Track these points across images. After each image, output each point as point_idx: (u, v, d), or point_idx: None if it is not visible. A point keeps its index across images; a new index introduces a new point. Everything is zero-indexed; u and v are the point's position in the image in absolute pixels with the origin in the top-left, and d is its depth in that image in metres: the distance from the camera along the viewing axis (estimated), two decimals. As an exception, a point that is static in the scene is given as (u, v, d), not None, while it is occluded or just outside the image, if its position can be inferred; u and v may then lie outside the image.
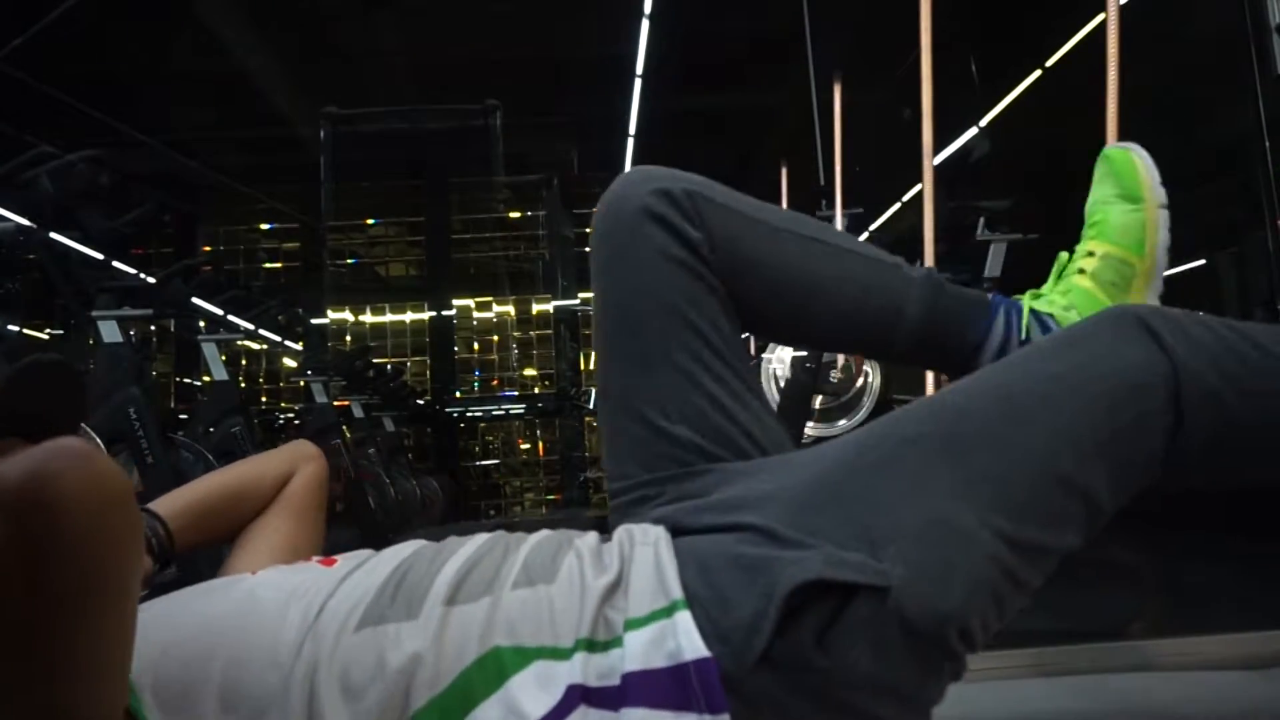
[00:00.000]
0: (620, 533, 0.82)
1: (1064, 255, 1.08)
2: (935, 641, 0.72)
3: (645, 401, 0.90)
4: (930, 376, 2.15)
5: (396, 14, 6.08)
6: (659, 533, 0.80)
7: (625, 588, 0.75)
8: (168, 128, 6.55)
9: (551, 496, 9.53)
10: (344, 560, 0.84)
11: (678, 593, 0.73)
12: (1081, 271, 1.03)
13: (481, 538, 0.83)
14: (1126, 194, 1.04)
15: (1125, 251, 1.02)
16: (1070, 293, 1.03)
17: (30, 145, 3.05)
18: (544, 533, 0.84)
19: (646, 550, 0.78)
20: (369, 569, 0.80)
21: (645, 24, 5.72)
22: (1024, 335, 0.99)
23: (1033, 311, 1.01)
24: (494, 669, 0.71)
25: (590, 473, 9.58)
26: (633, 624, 0.73)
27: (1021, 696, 1.48)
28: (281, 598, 0.77)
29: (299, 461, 1.05)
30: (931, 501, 0.75)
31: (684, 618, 0.72)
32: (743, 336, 0.98)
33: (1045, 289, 1.06)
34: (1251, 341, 0.81)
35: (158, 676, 0.71)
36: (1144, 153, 1.05)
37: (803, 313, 0.98)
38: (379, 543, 0.88)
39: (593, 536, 0.83)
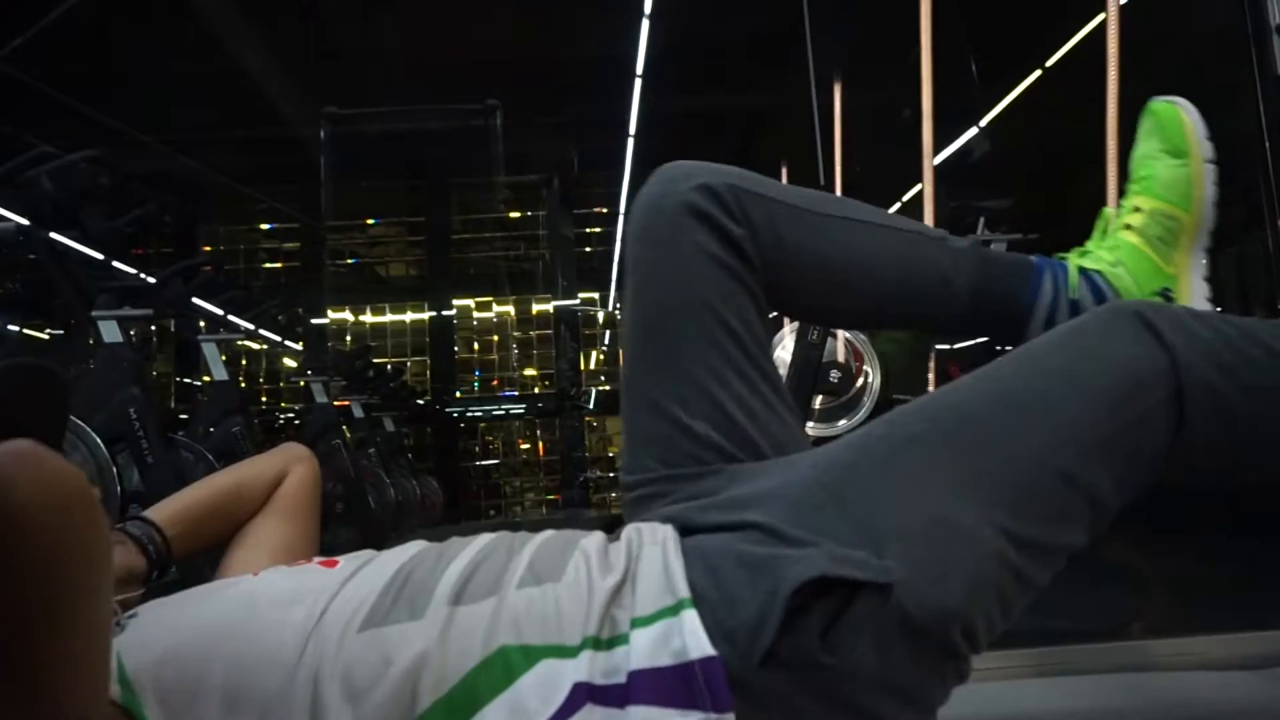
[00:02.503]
0: (629, 531, 0.82)
1: (1108, 211, 1.06)
2: (938, 639, 0.72)
3: (670, 397, 0.90)
4: (931, 376, 2.15)
5: (396, 14, 6.09)
6: (667, 532, 0.80)
7: (632, 587, 0.75)
8: (168, 128, 6.55)
9: (551, 496, 9.53)
10: (346, 561, 0.83)
11: (684, 592, 0.73)
12: (1129, 227, 1.02)
13: (486, 538, 0.83)
14: (1172, 148, 1.03)
15: (1172, 207, 1.01)
16: (1118, 249, 1.01)
17: (30, 145, 3.05)
18: (549, 533, 0.84)
19: (654, 550, 0.77)
20: (372, 570, 0.80)
21: (645, 24, 5.72)
22: (1073, 295, 0.99)
23: (1080, 269, 1.00)
24: (501, 669, 0.71)
25: (590, 472, 9.58)
26: (639, 622, 0.72)
27: (1021, 696, 1.48)
28: (284, 599, 0.77)
29: (291, 463, 1.06)
30: (933, 500, 0.75)
31: (690, 616, 0.72)
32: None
33: (1090, 245, 1.05)
34: (1252, 337, 0.81)
35: (159, 678, 0.71)
36: (1190, 106, 1.04)
37: (852, 292, 0.98)
38: (379, 543, 0.88)
39: (598, 536, 0.83)
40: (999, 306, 1.00)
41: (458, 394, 9.50)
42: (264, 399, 9.33)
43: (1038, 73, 5.88)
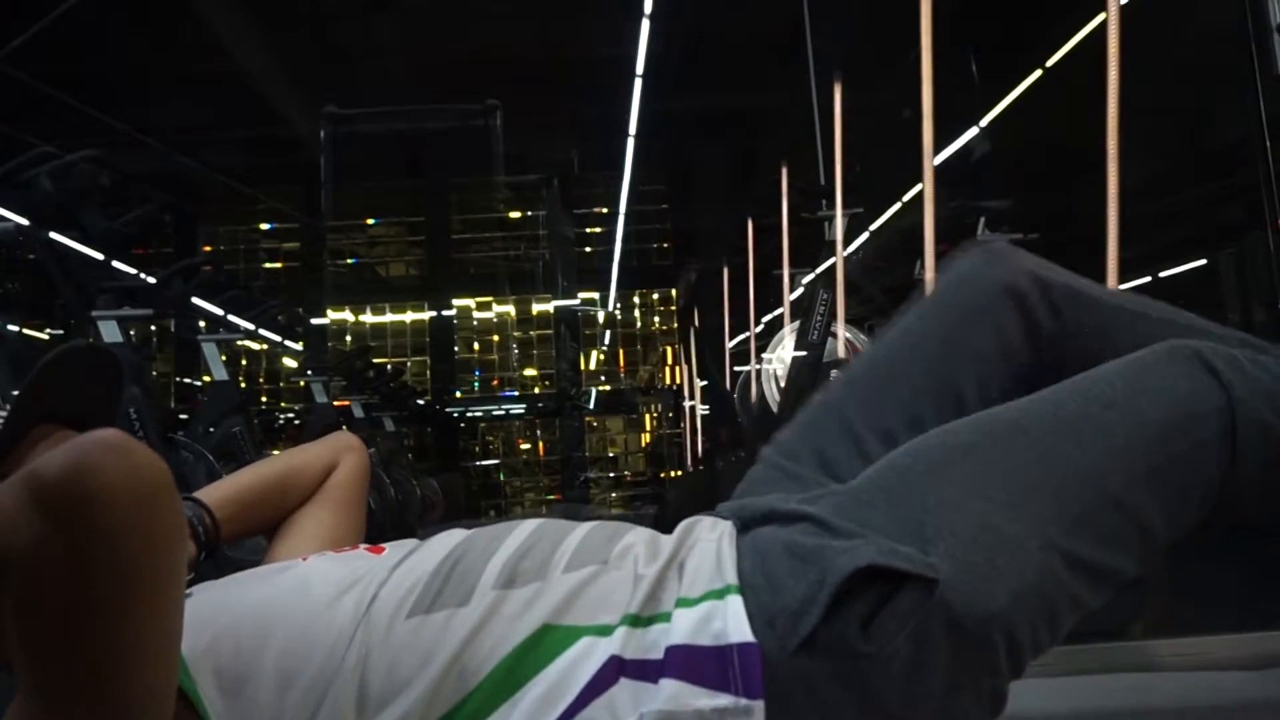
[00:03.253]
0: (685, 524, 0.84)
1: None
2: (979, 643, 0.73)
3: (866, 416, 0.93)
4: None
5: (396, 14, 6.09)
6: (726, 527, 0.82)
7: (679, 571, 0.77)
8: (168, 128, 6.55)
9: (551, 496, 9.54)
10: (392, 548, 0.84)
11: (733, 578, 0.75)
12: None
13: (533, 524, 0.84)
14: None
15: None
16: None
17: (30, 145, 3.05)
18: (596, 522, 0.86)
19: (710, 544, 0.79)
20: (420, 557, 0.81)
21: (645, 24, 5.72)
22: None
23: None
24: (543, 648, 0.72)
25: (590, 473, 9.58)
26: (684, 602, 0.74)
27: (1022, 696, 1.47)
28: (334, 585, 0.78)
29: (341, 452, 1.06)
30: (984, 506, 0.76)
31: (735, 601, 0.73)
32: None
33: None
34: None
35: (215, 660, 0.72)
36: None
37: None
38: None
39: (647, 530, 0.84)
40: None
41: (458, 394, 9.51)
42: (264, 399, 9.34)
43: (1038, 73, 5.89)
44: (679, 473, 9.37)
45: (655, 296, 10.42)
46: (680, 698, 0.70)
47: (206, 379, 4.86)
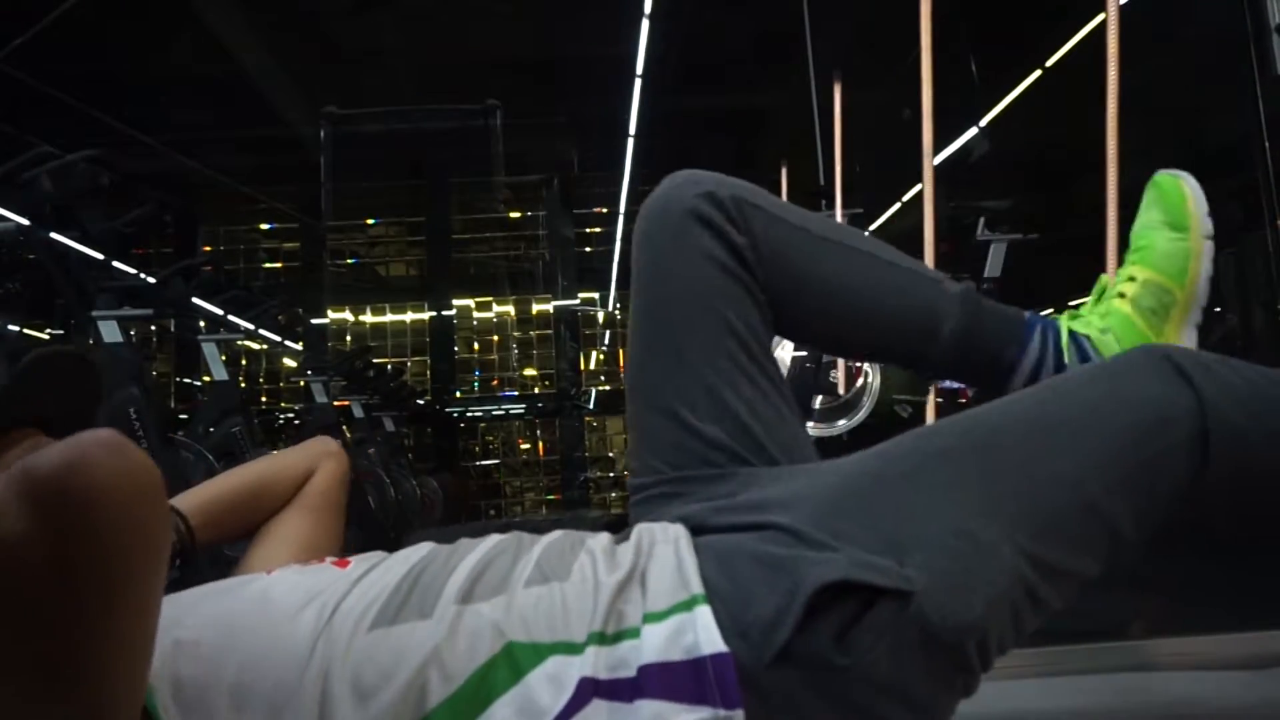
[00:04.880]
0: (639, 530, 0.83)
1: (1105, 278, 1.08)
2: (953, 651, 0.73)
3: (678, 399, 0.91)
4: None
5: (396, 14, 6.08)
6: (679, 530, 0.81)
7: (643, 583, 0.76)
8: (168, 128, 6.54)
9: (551, 497, 9.53)
10: (357, 561, 0.84)
11: (698, 587, 0.74)
12: (1121, 295, 1.03)
13: (494, 538, 0.84)
14: (1173, 222, 1.04)
15: (1166, 279, 1.02)
16: (1109, 315, 1.03)
17: (30, 145, 3.05)
18: (557, 533, 0.85)
19: (667, 547, 0.78)
20: (383, 570, 0.80)
21: (645, 24, 5.72)
22: (1064, 355, 1.00)
23: (1070, 332, 1.02)
24: (509, 666, 0.71)
25: (590, 472, 9.58)
26: (651, 617, 0.73)
27: (1022, 696, 1.48)
28: (296, 598, 0.77)
29: (319, 458, 1.06)
30: (958, 514, 0.76)
31: (703, 612, 0.72)
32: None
33: (1084, 310, 1.06)
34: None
35: (175, 674, 0.71)
36: (1194, 181, 1.05)
37: (840, 321, 1.00)
38: (379, 543, 0.88)
39: (605, 536, 0.83)
40: (985, 356, 1.01)
41: (458, 394, 9.50)
42: (264, 399, 9.33)
43: (1038, 72, 5.89)
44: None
45: (655, 296, 10.39)
46: (660, 716, 0.69)
47: (206, 379, 4.86)
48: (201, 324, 4.15)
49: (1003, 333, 1.00)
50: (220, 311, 4.16)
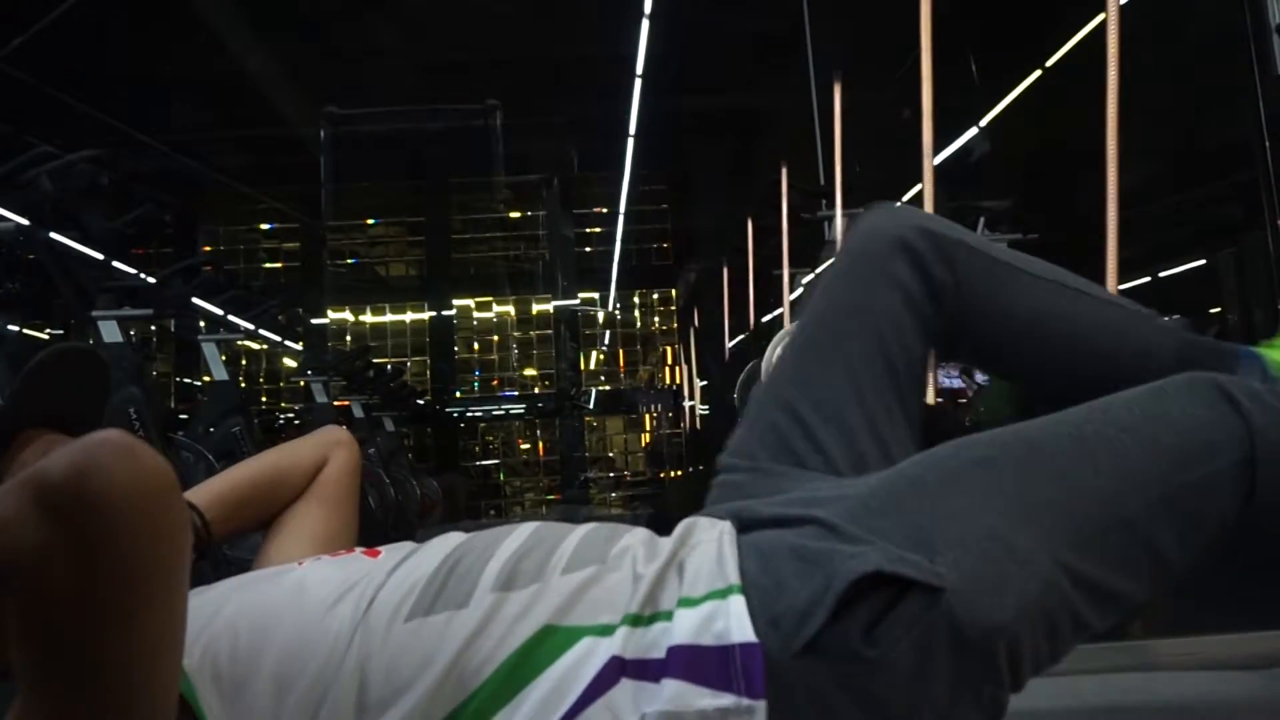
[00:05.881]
0: (684, 524, 0.84)
1: None
2: (981, 653, 0.73)
3: (807, 397, 0.94)
4: (931, 375, 2.15)
5: (396, 14, 6.08)
6: (725, 526, 0.82)
7: (679, 571, 0.77)
8: (168, 128, 6.55)
9: (551, 497, 9.54)
10: (388, 551, 0.84)
11: (735, 578, 0.75)
12: None
13: (530, 526, 0.84)
14: None
15: None
16: None
17: (30, 145, 3.05)
18: (593, 524, 0.86)
19: (710, 543, 0.79)
20: (418, 560, 0.81)
21: (645, 24, 5.72)
22: (1276, 384, 0.99)
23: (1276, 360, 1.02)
24: (544, 649, 0.72)
25: (590, 472, 9.58)
26: (686, 602, 0.74)
27: (1021, 696, 1.47)
28: (331, 589, 0.78)
29: (331, 448, 1.05)
30: (993, 520, 0.76)
31: (738, 601, 0.73)
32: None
33: (1277, 339, 1.06)
34: None
35: (214, 665, 0.72)
36: None
37: (1050, 354, 1.03)
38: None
39: (644, 530, 0.84)
40: None
41: (458, 394, 9.51)
42: (264, 399, 9.34)
43: (1038, 73, 5.89)
44: (679, 473, 9.37)
45: (655, 296, 10.43)
46: (683, 697, 0.70)
47: (206, 379, 4.86)
48: (201, 324, 4.15)
49: (1213, 366, 0.99)
50: (220, 311, 4.16)
